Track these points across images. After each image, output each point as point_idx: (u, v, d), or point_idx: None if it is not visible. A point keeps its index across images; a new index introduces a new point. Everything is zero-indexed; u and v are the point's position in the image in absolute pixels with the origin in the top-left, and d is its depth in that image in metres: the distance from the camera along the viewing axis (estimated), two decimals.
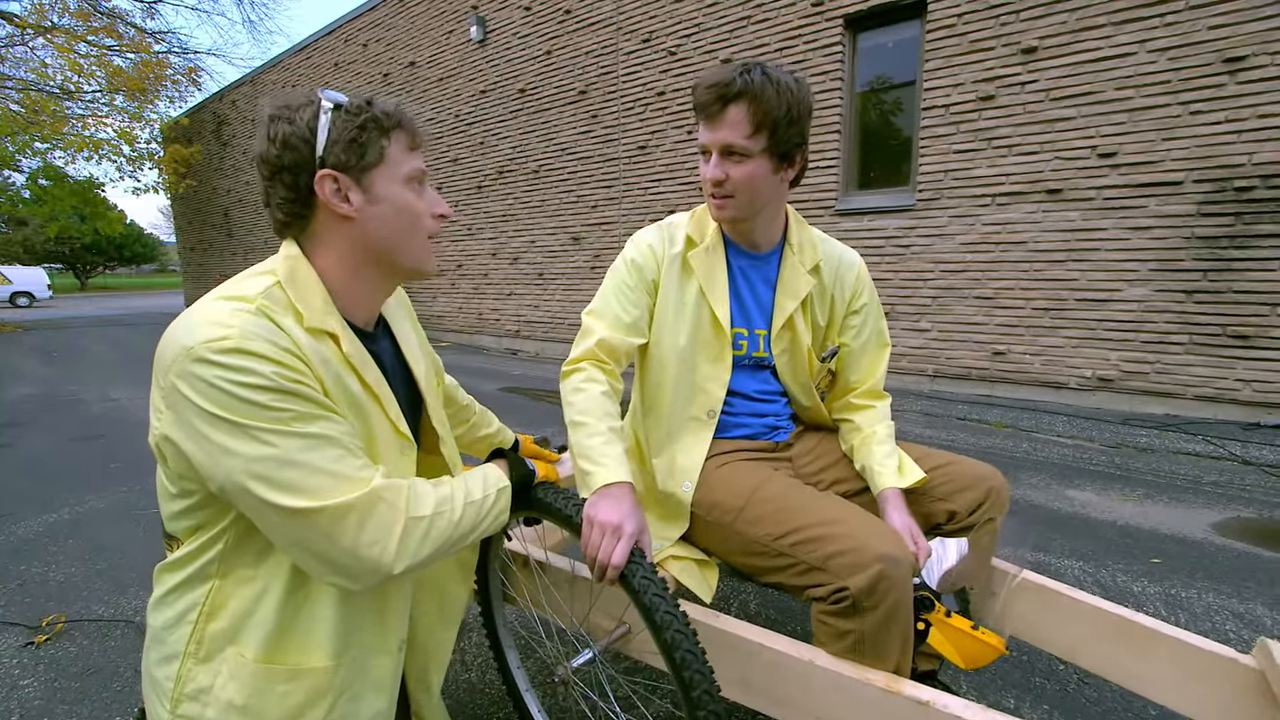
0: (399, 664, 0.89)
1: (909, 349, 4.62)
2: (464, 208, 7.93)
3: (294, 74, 10.41)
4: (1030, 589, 1.12)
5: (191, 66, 12.65)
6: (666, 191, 5.85)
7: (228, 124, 12.42)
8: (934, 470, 1.11)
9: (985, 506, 1.07)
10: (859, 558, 0.83)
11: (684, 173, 5.66)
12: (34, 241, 31.46)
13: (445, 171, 8.07)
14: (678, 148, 5.71)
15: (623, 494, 0.87)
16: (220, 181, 12.99)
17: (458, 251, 8.13)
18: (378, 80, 8.77)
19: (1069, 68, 3.77)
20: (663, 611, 0.77)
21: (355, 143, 0.75)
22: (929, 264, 4.44)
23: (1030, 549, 2.08)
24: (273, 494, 0.66)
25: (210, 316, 0.68)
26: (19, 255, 31.52)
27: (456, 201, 7.98)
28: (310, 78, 10.04)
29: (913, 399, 4.34)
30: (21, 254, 31.85)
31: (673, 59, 5.58)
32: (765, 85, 0.94)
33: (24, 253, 32.19)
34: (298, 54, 10.25)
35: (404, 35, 8.25)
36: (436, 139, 8.09)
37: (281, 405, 0.67)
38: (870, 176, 4.81)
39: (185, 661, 0.77)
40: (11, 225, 30.04)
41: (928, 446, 1.21)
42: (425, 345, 1.07)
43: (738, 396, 1.16)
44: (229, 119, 12.38)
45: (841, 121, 4.72)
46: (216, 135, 12.84)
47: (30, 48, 11.57)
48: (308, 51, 10.01)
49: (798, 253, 1.13)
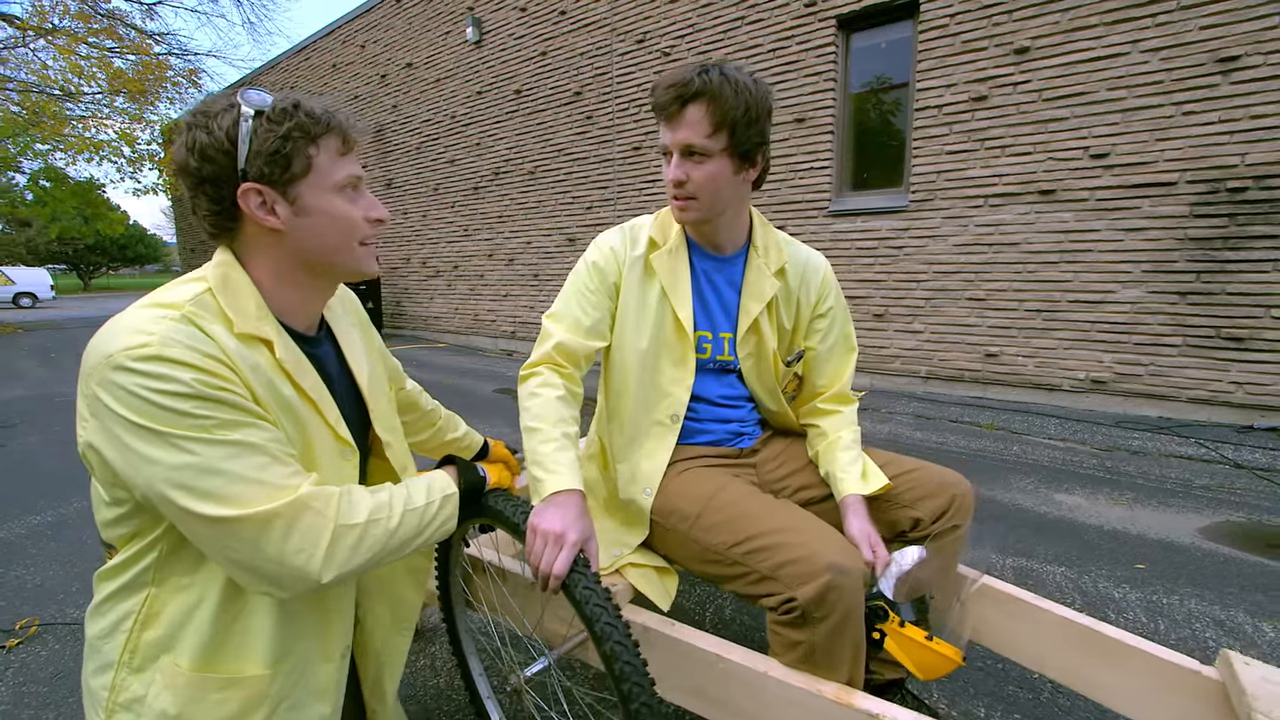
0: (342, 671, 0.88)
1: (902, 350, 4.60)
2: (461, 209, 7.93)
3: (292, 75, 10.44)
4: (989, 595, 1.10)
5: (192, 68, 12.69)
6: (660, 193, 5.84)
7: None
8: (899, 477, 1.10)
9: (949, 514, 1.05)
10: (808, 567, 0.82)
11: None
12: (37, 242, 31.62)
13: (443, 173, 8.07)
14: None
15: (570, 502, 0.86)
16: None
17: (454, 253, 8.13)
18: (375, 81, 8.78)
19: (1062, 68, 3.75)
20: (603, 622, 0.75)
21: (279, 154, 0.72)
22: (922, 265, 4.42)
23: (1014, 554, 2.06)
24: (194, 503, 0.65)
25: (132, 324, 0.67)
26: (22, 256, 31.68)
27: (454, 202, 7.99)
28: (308, 79, 10.05)
29: (905, 401, 4.32)
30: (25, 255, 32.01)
31: (667, 60, 5.57)
32: (723, 85, 0.93)
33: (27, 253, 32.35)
34: (296, 55, 10.27)
35: (401, 36, 8.26)
36: (433, 140, 8.10)
37: (203, 412, 0.66)
38: (864, 178, 4.79)
39: (119, 671, 0.76)
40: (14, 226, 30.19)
41: (893, 452, 1.19)
42: (377, 349, 1.06)
43: (701, 401, 1.14)
44: None
45: (835, 122, 4.70)
46: None
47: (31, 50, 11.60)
48: (306, 53, 10.03)
49: (763, 255, 1.11)
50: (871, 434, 3.52)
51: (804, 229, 4.92)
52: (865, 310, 4.72)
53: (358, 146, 0.81)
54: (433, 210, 8.34)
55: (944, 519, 1.05)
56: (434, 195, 8.27)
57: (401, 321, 9.12)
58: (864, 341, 4.76)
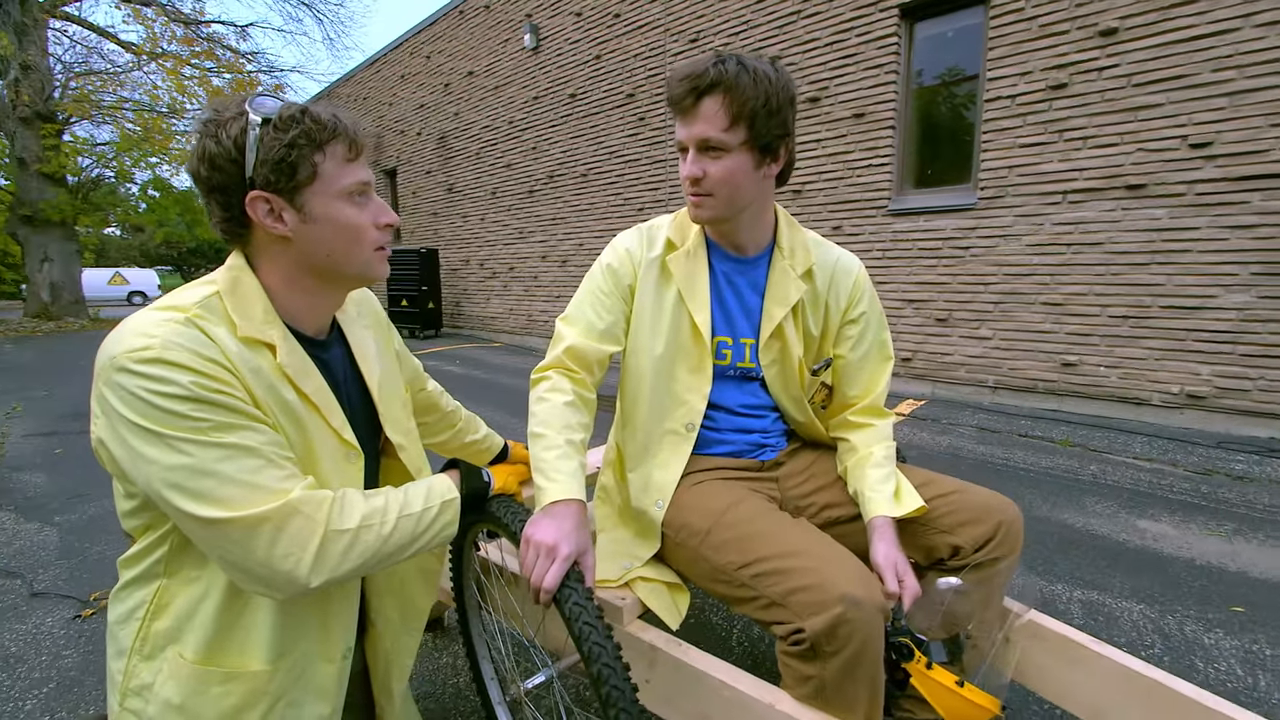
0: (344, 672, 0.88)
1: (967, 358, 4.31)
2: (516, 211, 8.12)
3: (365, 87, 11.03)
4: (1038, 634, 0.98)
5: (278, 84, 13.66)
6: None
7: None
8: (937, 499, 1.00)
9: (994, 543, 0.95)
10: (819, 596, 0.75)
11: None
12: (148, 246, 34.97)
13: (500, 177, 8.30)
14: None
15: (567, 513, 0.83)
16: None
17: (510, 255, 8.33)
18: (439, 90, 9.14)
19: (1155, 49, 3.39)
20: (592, 641, 0.71)
21: (284, 162, 0.72)
22: (991, 267, 4.12)
23: (1084, 586, 1.87)
24: (187, 503, 0.66)
25: (138, 326, 0.69)
26: (135, 259, 35.14)
27: (510, 206, 8.19)
28: (379, 90, 10.59)
29: (970, 412, 4.05)
30: (138, 258, 35.50)
31: None
32: (741, 74, 0.87)
33: (140, 256, 35.86)
34: (368, 68, 10.85)
35: (464, 46, 8.56)
36: (492, 145, 8.34)
37: (199, 415, 0.67)
38: (927, 174, 4.53)
39: (132, 657, 0.78)
40: (130, 232, 33.53)
41: (937, 471, 1.09)
42: (394, 352, 1.06)
43: (720, 410, 1.08)
44: None
45: (896, 117, 4.47)
46: None
47: (146, 72, 12.83)
48: (377, 65, 10.58)
49: (788, 256, 1.04)
50: (930, 446, 3.32)
51: (862, 229, 4.71)
52: (927, 314, 4.46)
53: (366, 152, 0.81)
54: (490, 214, 8.58)
55: (987, 548, 0.94)
56: (492, 199, 8.51)
57: (460, 321, 9.43)
58: (926, 348, 4.50)
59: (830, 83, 4.74)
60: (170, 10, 12.39)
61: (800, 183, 5.02)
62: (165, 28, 12.40)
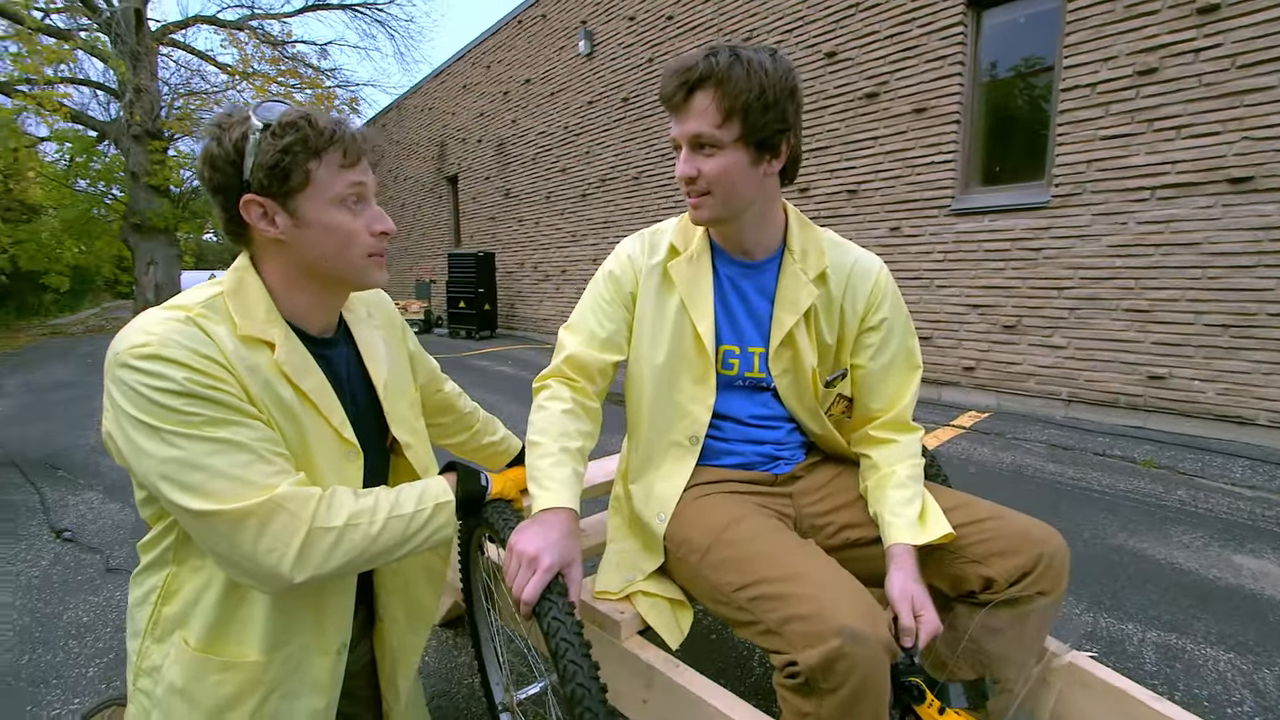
0: (339, 666, 0.89)
1: (1038, 368, 4.00)
2: (570, 215, 8.25)
3: (430, 97, 11.52)
4: (1081, 679, 0.87)
5: (353, 97, 14.51)
6: None
7: (379, 146, 14.04)
8: (969, 525, 0.91)
9: (1033, 577, 0.85)
10: (815, 627, 0.69)
11: None
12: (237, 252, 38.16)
13: (555, 181, 8.45)
14: None
15: (555, 522, 0.80)
16: None
17: (563, 258, 8.47)
18: (498, 99, 9.42)
19: (1265, 25, 3.03)
20: (568, 659, 0.68)
21: (278, 167, 0.74)
22: (1066, 270, 3.80)
23: (1161, 628, 1.67)
24: (179, 495, 0.68)
25: (141, 324, 0.72)
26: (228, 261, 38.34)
27: (563, 209, 8.32)
28: (443, 99, 11.04)
29: (1039, 427, 3.74)
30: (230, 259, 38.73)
31: None
32: (733, 66, 0.82)
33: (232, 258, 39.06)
34: (434, 79, 11.33)
35: (522, 55, 8.79)
36: (547, 151, 8.51)
37: (192, 410, 0.69)
38: (995, 171, 4.24)
39: (145, 639, 0.82)
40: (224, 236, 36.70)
41: (971, 495, 0.99)
42: (406, 353, 1.07)
43: (729, 420, 1.03)
44: (380, 141, 13.99)
45: (961, 110, 4.21)
46: None
47: (239, 91, 13.95)
48: (442, 77, 11.03)
49: (799, 259, 0.98)
50: (991, 463, 3.09)
51: (922, 230, 4.47)
52: (992, 321, 4.17)
53: (364, 159, 0.81)
54: (545, 217, 8.76)
55: (1024, 582, 0.84)
56: (546, 203, 8.68)
57: (514, 323, 9.67)
58: (991, 356, 4.21)
59: (889, 77, 4.53)
60: (261, 33, 13.42)
61: (856, 182, 4.82)
62: (256, 49, 13.44)
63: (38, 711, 1.37)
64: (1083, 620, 1.70)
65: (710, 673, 1.44)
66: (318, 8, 14.50)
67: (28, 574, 2.02)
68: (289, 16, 14.00)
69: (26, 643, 1.63)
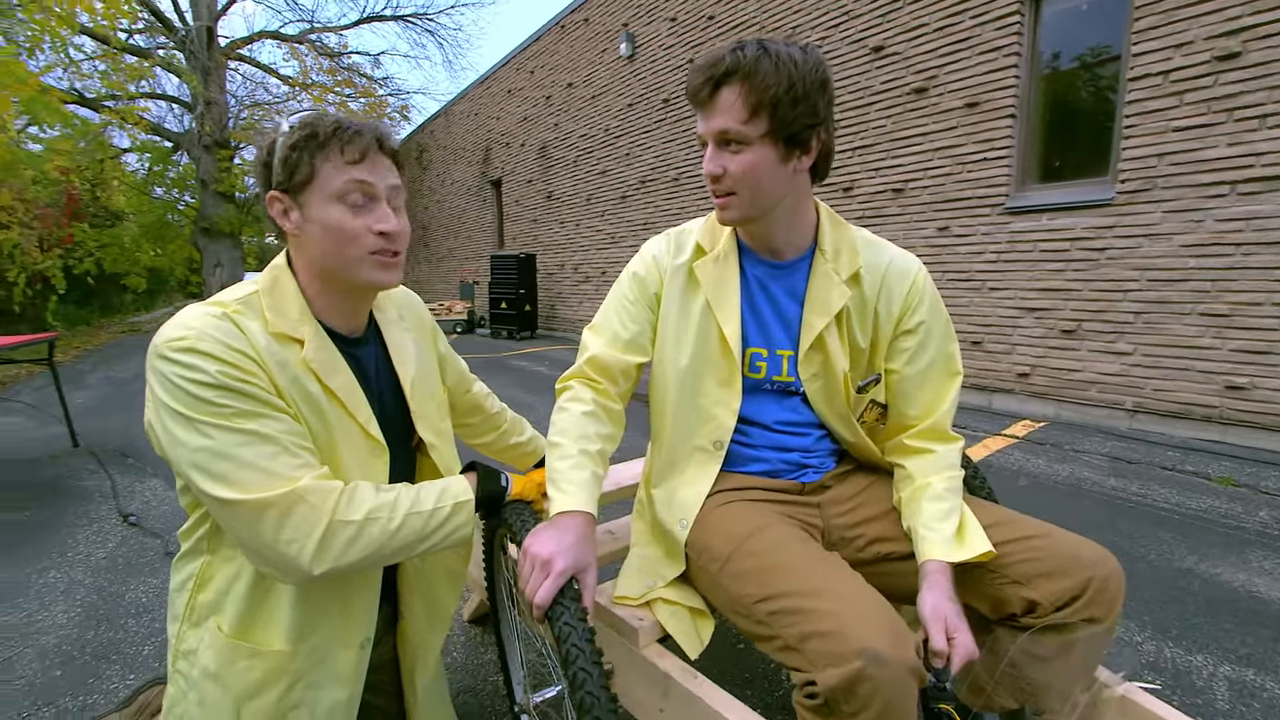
0: (362, 660, 0.90)
1: (1100, 376, 3.76)
2: (610, 217, 8.29)
3: (476, 103, 11.81)
4: (1136, 715, 0.79)
5: (404, 104, 15.06)
6: None
7: (427, 151, 14.52)
8: (1012, 543, 0.85)
9: (1081, 602, 0.78)
10: (836, 646, 0.65)
11: None
12: None
13: (595, 183, 8.52)
14: None
15: (571, 525, 0.79)
16: (419, 200, 15.22)
17: (603, 259, 8.52)
18: (541, 103, 9.57)
19: None
20: (578, 666, 0.67)
21: (287, 162, 0.77)
22: (1132, 271, 3.56)
23: (1237, 662, 1.53)
24: (207, 483, 0.71)
25: (181, 319, 0.75)
26: None
27: (603, 211, 8.37)
28: (488, 105, 11.30)
29: (1100, 439, 3.52)
30: None
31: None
32: (760, 60, 0.80)
33: None
34: (480, 86, 11.61)
35: (564, 60, 8.90)
36: (588, 153, 8.59)
37: (223, 401, 0.72)
38: (1054, 167, 4.02)
39: (183, 623, 0.86)
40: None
41: (1016, 511, 0.93)
42: (436, 354, 1.09)
43: (755, 425, 1.00)
44: (428, 147, 14.46)
45: (1017, 104, 4.01)
46: (418, 161, 15.08)
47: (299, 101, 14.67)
48: (487, 83, 11.29)
49: (831, 259, 0.94)
50: (1046, 475, 2.92)
51: (973, 230, 4.28)
52: (1050, 325, 3.94)
53: (371, 157, 0.80)
54: (585, 219, 8.84)
55: (1072, 607, 0.78)
56: (586, 205, 8.76)
57: (554, 324, 9.79)
58: (1048, 362, 3.98)
59: (939, 71, 4.36)
60: (319, 46, 14.08)
61: (902, 181, 4.66)
62: (315, 61, 14.11)
63: (97, 684, 1.46)
64: (1143, 649, 1.58)
65: (736, 683, 1.42)
66: (372, 19, 15.11)
67: (96, 555, 2.16)
68: (345, 29, 14.65)
69: (92, 619, 1.75)
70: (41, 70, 7.79)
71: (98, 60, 10.97)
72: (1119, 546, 2.13)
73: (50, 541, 2.28)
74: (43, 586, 1.94)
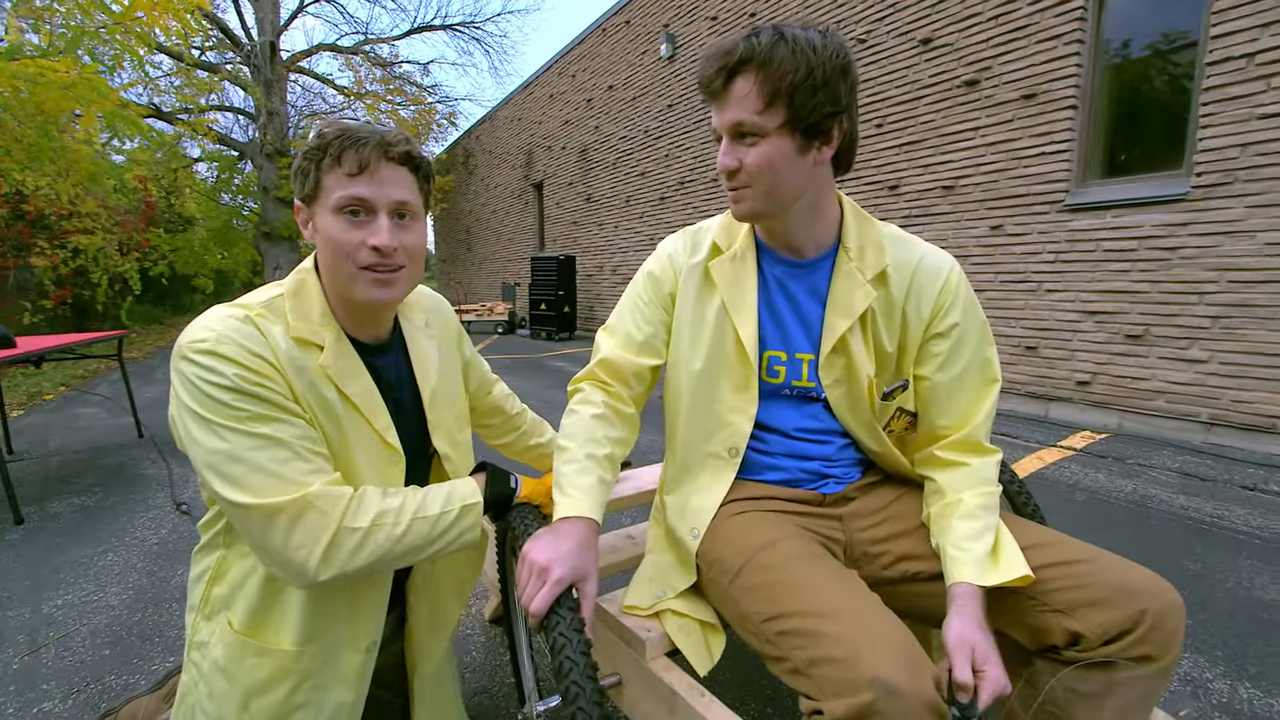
0: (368, 663, 0.90)
1: (1170, 385, 3.48)
2: (648, 218, 8.28)
3: (520, 108, 12.02)
4: None
5: (451, 111, 15.50)
6: (849, 191, 5.33)
7: (473, 156, 14.89)
8: (1054, 567, 0.77)
9: (1133, 639, 0.70)
10: (846, 674, 0.60)
11: (869, 170, 5.10)
12: None
13: (634, 185, 8.53)
14: (864, 144, 5.16)
15: (572, 531, 0.77)
16: (464, 204, 15.62)
17: (640, 260, 8.49)
18: (582, 106, 9.65)
19: None
20: (571, 679, 0.64)
21: (299, 173, 0.79)
22: (1209, 272, 3.28)
23: None
24: (221, 486, 0.72)
25: (205, 321, 0.76)
26: None
27: (642, 213, 8.37)
28: (531, 110, 11.48)
29: (1170, 452, 3.25)
30: None
31: (863, 47, 5.07)
32: (776, 47, 0.75)
33: None
34: (523, 91, 11.82)
35: (605, 63, 8.95)
36: (628, 155, 8.60)
37: (239, 405, 0.72)
38: (1120, 160, 3.75)
39: (198, 614, 0.88)
40: None
41: (1069, 531, 0.85)
42: (461, 363, 1.08)
43: (773, 432, 0.95)
44: (474, 151, 14.82)
45: (1079, 94, 3.76)
46: (465, 166, 15.48)
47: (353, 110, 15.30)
48: (530, 88, 11.48)
49: (856, 258, 0.88)
50: (1107, 491, 2.72)
51: (1028, 229, 4.04)
52: (1114, 329, 3.68)
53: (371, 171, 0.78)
54: (624, 221, 8.85)
55: (1121, 643, 0.70)
56: (626, 207, 8.78)
57: (593, 325, 9.85)
58: (1111, 370, 3.72)
59: (992, 62, 4.14)
60: (373, 57, 14.65)
61: (952, 178, 4.45)
62: (369, 71, 14.68)
63: (140, 664, 1.53)
64: (1213, 687, 1.43)
65: (758, 700, 1.36)
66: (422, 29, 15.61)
67: (150, 541, 2.29)
68: (397, 39, 15.19)
69: (140, 601, 1.84)
70: (122, 87, 8.39)
71: (173, 76, 11.74)
72: (1190, 572, 1.95)
73: (111, 526, 2.42)
74: (101, 569, 2.06)
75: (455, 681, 1.13)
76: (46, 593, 1.89)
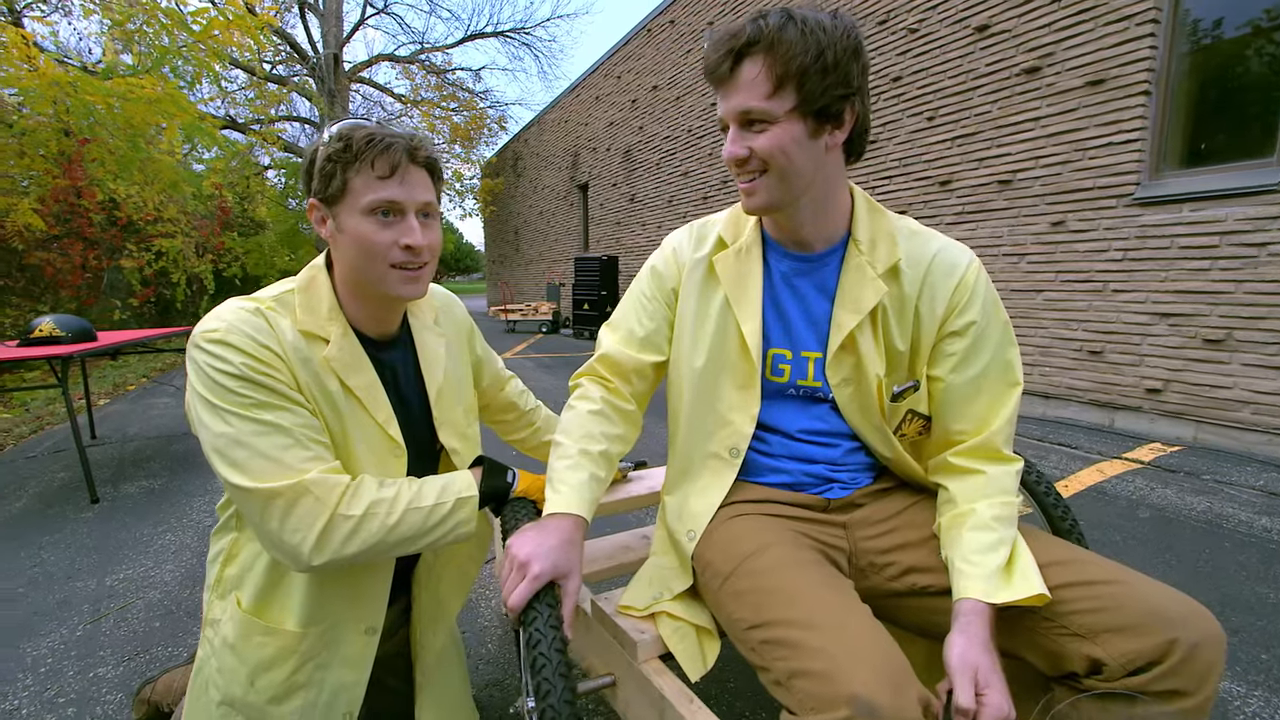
0: (370, 646, 0.92)
1: (1254, 395, 3.17)
2: (691, 218, 8.17)
3: (567, 111, 12.19)
4: None
5: (501, 115, 15.90)
6: (897, 189, 5.14)
7: (521, 159, 15.21)
8: (1074, 587, 0.71)
9: (1161, 670, 0.63)
10: (824, 689, 0.57)
11: (919, 166, 4.89)
12: None
13: (677, 185, 8.50)
14: (913, 138, 4.96)
15: (556, 528, 0.76)
16: (513, 206, 15.97)
17: None
18: (626, 108, 9.69)
19: None
20: (544, 676, 0.64)
21: (322, 174, 0.80)
22: None
23: None
24: (224, 469, 0.75)
25: (219, 312, 0.80)
26: None
27: (685, 213, 8.32)
28: (578, 112, 11.62)
29: (1253, 469, 2.96)
30: None
31: (914, 37, 4.87)
32: (785, 28, 0.72)
33: None
34: (570, 94, 11.98)
35: (650, 63, 8.96)
36: (671, 155, 8.58)
37: (245, 391, 0.75)
38: (1200, 149, 3.45)
39: (212, 592, 0.92)
40: None
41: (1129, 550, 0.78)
42: (471, 360, 1.10)
43: (776, 433, 0.91)
44: (522, 154, 15.14)
45: (1153, 78, 3.48)
46: (514, 168, 15.83)
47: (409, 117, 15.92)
48: (577, 90, 11.62)
49: (867, 251, 0.84)
50: (1176, 508, 2.50)
51: (1093, 224, 3.78)
52: (1189, 333, 3.39)
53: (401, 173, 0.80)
54: (667, 220, 8.83)
55: (1150, 675, 0.63)
56: (669, 206, 8.76)
57: None
58: (1185, 377, 3.43)
59: (1055, 48, 3.89)
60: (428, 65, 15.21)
61: (1009, 171, 4.21)
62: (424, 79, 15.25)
63: (184, 639, 1.63)
64: None
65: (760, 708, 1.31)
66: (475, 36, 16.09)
67: (204, 523, 2.44)
68: (451, 47, 15.72)
69: (189, 579, 1.96)
70: (201, 100, 9.03)
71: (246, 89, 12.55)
72: (1270, 602, 1.77)
73: (172, 507, 2.60)
74: (160, 547, 2.21)
75: (462, 672, 1.14)
76: (111, 567, 2.05)
